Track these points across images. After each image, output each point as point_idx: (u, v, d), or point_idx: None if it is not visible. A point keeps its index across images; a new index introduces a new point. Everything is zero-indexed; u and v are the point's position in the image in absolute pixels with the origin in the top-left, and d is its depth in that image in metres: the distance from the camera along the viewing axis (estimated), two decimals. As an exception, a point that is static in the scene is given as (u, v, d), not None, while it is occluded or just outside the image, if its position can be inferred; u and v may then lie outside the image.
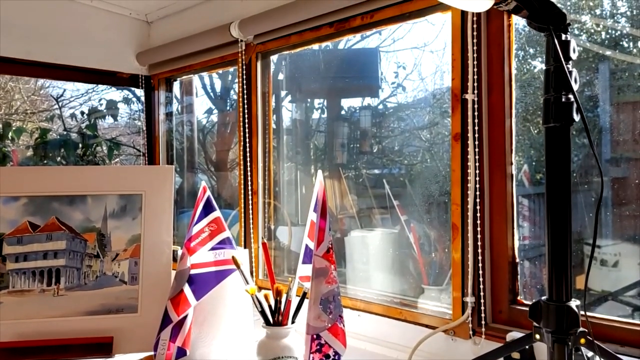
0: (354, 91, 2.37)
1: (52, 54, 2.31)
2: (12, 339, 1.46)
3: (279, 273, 2.15)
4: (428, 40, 1.90)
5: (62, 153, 3.42)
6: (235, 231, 2.19)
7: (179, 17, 2.41)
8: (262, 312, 1.37)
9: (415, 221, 1.90)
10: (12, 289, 1.55)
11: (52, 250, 1.61)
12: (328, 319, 1.18)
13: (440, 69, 1.92)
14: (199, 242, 1.41)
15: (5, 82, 3.97)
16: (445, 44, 1.72)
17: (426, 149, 2.02)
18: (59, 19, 2.32)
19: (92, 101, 3.85)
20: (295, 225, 2.18)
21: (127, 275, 1.61)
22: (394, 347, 1.56)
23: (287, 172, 2.28)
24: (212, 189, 3.00)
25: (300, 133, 2.46)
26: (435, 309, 1.56)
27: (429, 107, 2.02)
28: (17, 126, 3.62)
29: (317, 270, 1.19)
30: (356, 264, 1.99)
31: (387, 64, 2.20)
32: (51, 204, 1.65)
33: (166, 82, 2.68)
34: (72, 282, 1.59)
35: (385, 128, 2.29)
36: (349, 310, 1.67)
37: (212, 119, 3.27)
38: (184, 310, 1.36)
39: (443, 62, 1.86)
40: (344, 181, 2.19)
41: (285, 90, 2.41)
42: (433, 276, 1.78)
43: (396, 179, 2.09)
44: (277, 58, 2.25)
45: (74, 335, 1.50)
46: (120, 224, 1.65)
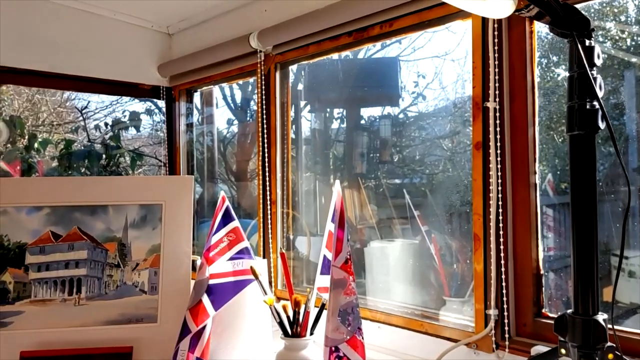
0: (374, 100, 2.36)
1: (76, 67, 2.36)
2: (34, 348, 1.48)
3: (298, 283, 2.14)
4: (449, 48, 1.88)
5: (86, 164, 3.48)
6: (255, 241, 2.18)
7: (200, 28, 2.44)
8: (280, 323, 1.35)
9: (436, 231, 1.87)
10: (34, 298, 1.57)
11: (74, 259, 1.62)
12: (347, 330, 1.16)
13: (462, 77, 1.90)
14: (218, 252, 1.41)
15: (33, 94, 4.06)
16: (467, 52, 1.70)
17: (447, 158, 2.00)
18: (83, 32, 2.36)
19: (115, 113, 3.92)
20: (314, 236, 2.17)
21: (147, 285, 1.61)
22: (415, 360, 1.53)
23: (306, 182, 2.28)
24: (232, 199, 3.00)
25: (319, 143, 2.45)
26: (457, 322, 1.53)
27: (450, 116, 2.00)
28: (43, 137, 3.70)
29: (335, 282, 1.18)
30: (376, 275, 1.96)
31: (407, 73, 2.19)
32: (73, 214, 1.66)
33: (187, 93, 2.70)
34: (93, 291, 1.60)
35: (406, 137, 2.27)
36: (369, 322, 1.65)
37: (233, 130, 3.29)
38: (202, 320, 1.35)
39: (464, 70, 1.84)
40: (363, 191, 2.17)
41: (304, 100, 2.41)
42: (455, 288, 1.75)
43: (417, 189, 2.07)
44: (297, 68, 2.26)
45: (95, 344, 1.51)
46: (141, 234, 1.66)
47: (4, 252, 1.60)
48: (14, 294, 1.56)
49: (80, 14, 2.34)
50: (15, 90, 3.93)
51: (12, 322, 1.52)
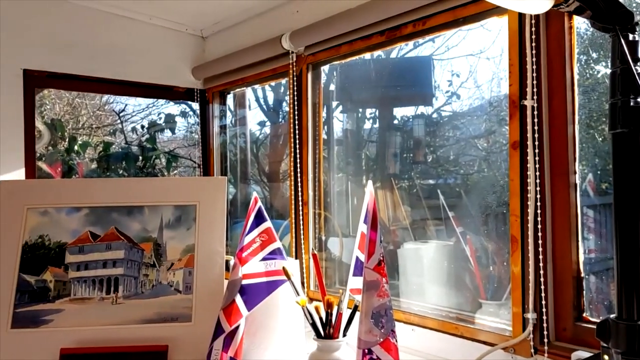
0: (407, 100, 2.33)
1: (114, 71, 2.42)
2: (73, 346, 1.51)
3: (331, 284, 2.14)
4: (484, 46, 1.85)
5: (124, 165, 3.56)
6: (287, 242, 2.19)
7: (232, 31, 2.46)
8: (313, 324, 1.35)
9: (471, 233, 1.84)
10: (74, 297, 1.61)
11: (111, 259, 1.66)
12: (380, 333, 1.14)
13: (497, 75, 1.86)
14: (251, 253, 1.42)
15: (73, 98, 4.18)
16: (502, 50, 1.67)
17: (483, 158, 1.96)
18: (120, 36, 2.42)
19: (151, 115, 3.99)
20: (347, 237, 2.16)
21: (181, 284, 1.63)
22: (450, 364, 1.50)
23: (338, 182, 2.27)
24: (265, 200, 3.02)
25: (351, 143, 2.44)
26: (493, 325, 1.50)
27: (486, 115, 1.96)
28: (82, 140, 3.81)
29: (368, 283, 1.17)
30: (410, 277, 1.94)
31: (441, 72, 2.16)
32: (111, 215, 1.70)
33: (220, 96, 2.74)
34: (129, 290, 1.63)
35: (440, 137, 2.24)
36: (402, 325, 1.63)
37: (265, 131, 3.31)
38: (235, 320, 1.36)
39: (500, 68, 1.81)
40: (396, 192, 2.15)
41: (336, 101, 2.40)
42: (491, 290, 1.71)
43: (451, 190, 2.03)
44: (329, 68, 2.25)
45: (131, 342, 1.53)
46: (175, 234, 1.69)
47: (45, 252, 1.65)
48: (54, 292, 1.61)
49: (117, 19, 2.40)
50: (57, 95, 4.05)
51: (53, 319, 1.56)
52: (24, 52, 2.18)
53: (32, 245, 1.65)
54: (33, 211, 1.69)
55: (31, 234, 1.66)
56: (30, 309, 1.57)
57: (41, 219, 1.68)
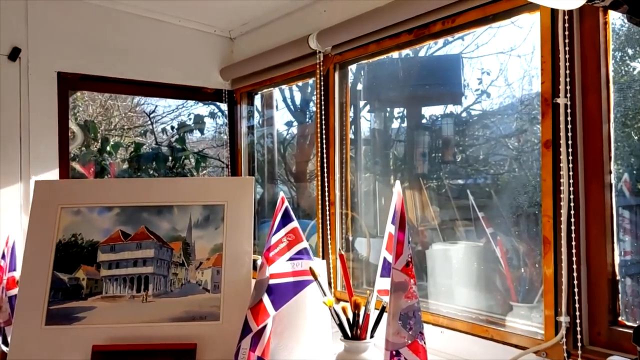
0: (436, 99, 2.30)
1: (144, 72, 2.46)
2: (105, 343, 1.54)
3: (358, 285, 2.13)
4: (514, 44, 1.81)
5: (154, 165, 3.62)
6: (314, 242, 2.19)
7: (260, 32, 2.48)
8: (340, 325, 1.34)
9: (502, 234, 1.80)
10: (106, 295, 1.64)
11: (142, 258, 1.69)
12: (408, 335, 1.13)
13: (529, 73, 1.82)
14: (278, 252, 1.42)
15: (105, 100, 4.27)
16: (534, 47, 1.64)
17: (514, 157, 1.93)
18: (150, 39, 2.46)
19: (181, 116, 4.05)
20: (374, 237, 2.14)
21: (209, 283, 1.65)
22: (480, 367, 1.48)
23: (366, 182, 2.26)
24: (292, 200, 3.03)
25: (379, 143, 2.43)
26: (525, 328, 1.47)
27: (517, 114, 1.93)
28: (114, 141, 3.89)
29: (395, 285, 1.15)
30: (438, 278, 1.92)
31: (470, 70, 2.13)
32: (141, 214, 1.73)
33: (248, 96, 2.75)
34: (159, 289, 1.66)
35: (469, 136, 2.21)
36: (431, 326, 1.61)
37: (292, 131, 3.32)
38: (263, 320, 1.36)
39: (531, 66, 1.77)
40: (425, 192, 2.13)
41: (363, 100, 2.39)
42: (522, 293, 1.68)
43: (481, 190, 2.00)
44: (356, 68, 2.24)
45: (160, 340, 1.55)
46: (204, 234, 1.70)
47: (78, 250, 1.68)
48: (87, 290, 1.64)
49: (148, 21, 2.44)
50: (90, 97, 4.15)
51: (85, 317, 1.59)
52: (58, 55, 2.23)
53: (65, 243, 1.69)
54: (66, 210, 1.73)
55: (65, 232, 1.70)
56: (63, 306, 1.61)
57: (74, 218, 1.72)
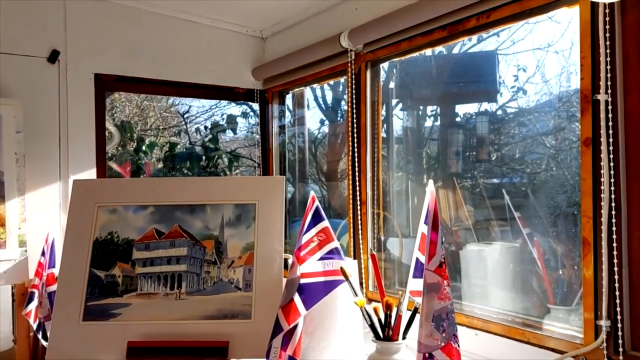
0: (470, 96, 2.26)
1: (177, 73, 2.50)
2: (139, 339, 1.57)
3: (390, 285, 2.10)
4: (552, 39, 1.76)
5: (188, 165, 3.67)
6: (345, 241, 2.17)
7: (292, 31, 2.48)
8: (371, 325, 1.33)
9: (539, 234, 1.75)
10: (140, 292, 1.67)
11: (175, 256, 1.71)
12: (441, 337, 1.11)
13: (567, 69, 1.77)
14: (308, 252, 1.41)
15: (141, 101, 4.37)
16: (572, 43, 1.60)
17: (551, 156, 1.87)
18: (184, 40, 2.50)
19: (214, 116, 4.10)
20: (407, 237, 2.12)
21: (241, 282, 1.66)
22: (515, 371, 1.44)
23: (398, 182, 2.23)
24: (323, 199, 3.03)
25: (411, 141, 2.40)
26: (563, 332, 1.43)
27: (554, 111, 1.87)
28: (150, 141, 3.97)
29: (428, 286, 1.13)
30: (472, 279, 1.88)
31: (506, 66, 2.08)
32: (175, 213, 1.76)
33: (279, 96, 2.76)
34: (192, 287, 1.68)
35: (505, 134, 2.16)
36: (465, 329, 1.58)
37: (324, 130, 3.32)
38: (294, 319, 1.36)
39: (569, 62, 1.72)
40: (459, 191, 2.09)
41: (395, 98, 2.37)
42: (560, 295, 1.63)
43: (517, 189, 1.95)
44: (388, 66, 2.22)
45: (193, 338, 1.57)
46: (236, 232, 1.72)
47: (114, 248, 1.72)
48: (123, 287, 1.67)
49: (181, 22, 2.47)
50: (127, 98, 4.24)
51: (121, 313, 1.63)
52: (95, 57, 2.29)
53: (102, 241, 1.72)
54: (103, 209, 1.77)
55: (101, 230, 1.74)
56: (100, 302, 1.64)
57: (110, 217, 1.76)
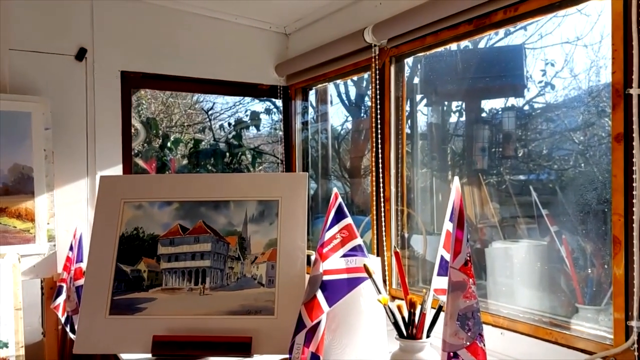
0: (496, 92, 2.22)
1: (201, 70, 2.52)
2: (164, 333, 1.59)
3: (413, 283, 2.09)
4: (581, 33, 1.72)
5: (212, 161, 3.71)
6: (368, 239, 2.16)
7: (315, 26, 2.47)
8: (395, 323, 1.32)
9: (567, 232, 1.71)
10: (165, 287, 1.69)
11: (199, 251, 1.73)
12: (466, 336, 1.09)
13: (596, 63, 1.73)
14: (331, 249, 1.41)
15: (167, 98, 4.41)
16: (602, 36, 1.56)
17: (579, 152, 1.83)
18: (208, 37, 2.51)
19: (238, 113, 4.12)
20: (431, 234, 2.10)
21: (264, 278, 1.67)
22: (543, 372, 1.41)
23: (422, 178, 2.21)
24: (346, 196, 3.02)
25: (436, 138, 2.37)
26: (592, 332, 1.40)
27: (583, 106, 1.83)
28: (175, 137, 4.01)
29: (453, 284, 1.11)
30: (498, 278, 1.85)
31: (533, 61, 2.04)
32: (199, 209, 1.77)
33: (302, 92, 2.76)
34: (216, 282, 1.69)
35: (532, 130, 2.12)
36: (491, 327, 1.56)
37: (347, 126, 3.31)
38: (317, 315, 1.36)
39: (599, 56, 1.68)
40: (484, 188, 2.06)
41: (420, 94, 2.34)
42: (589, 295, 1.59)
43: (544, 186, 1.91)
44: (412, 61, 2.20)
45: (217, 333, 1.58)
46: (259, 229, 1.72)
47: (139, 243, 1.74)
48: (148, 281, 1.70)
49: (206, 20, 2.49)
50: (152, 95, 4.30)
51: (146, 307, 1.65)
52: (121, 55, 2.32)
53: (128, 236, 1.75)
54: (129, 205, 1.79)
55: (127, 226, 1.76)
56: (126, 297, 1.67)
57: (136, 212, 1.78)
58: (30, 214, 1.96)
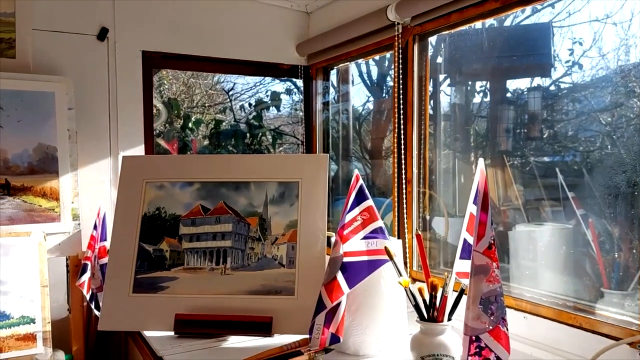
0: (522, 71, 2.16)
1: (222, 50, 2.50)
2: (186, 312, 1.61)
3: (434, 266, 2.07)
4: (610, 10, 1.66)
5: (233, 142, 3.71)
6: (389, 220, 2.15)
7: (336, 5, 2.43)
8: (416, 306, 1.31)
9: (594, 216, 1.68)
10: (187, 266, 1.71)
11: (220, 232, 1.74)
12: (489, 320, 1.08)
13: (626, 42, 1.67)
14: (352, 231, 1.40)
15: (188, 78, 4.42)
16: (632, 14, 1.51)
17: (606, 133, 1.78)
18: (228, 16, 2.49)
19: (259, 93, 4.11)
20: (453, 217, 2.07)
21: (285, 258, 1.67)
22: (566, 356, 1.39)
23: (444, 160, 2.18)
24: (367, 177, 2.99)
25: (459, 118, 2.32)
26: (617, 317, 1.37)
27: (611, 87, 1.77)
28: (196, 118, 4.03)
29: (476, 268, 1.10)
30: (521, 261, 1.82)
31: (560, 40, 1.98)
32: (220, 190, 1.78)
33: (324, 72, 2.73)
34: (237, 262, 1.70)
35: (558, 111, 2.07)
36: (513, 311, 1.54)
37: (368, 107, 3.27)
38: (337, 297, 1.36)
39: (629, 34, 1.62)
40: (508, 170, 2.02)
41: (443, 74, 2.29)
42: (615, 279, 1.56)
43: (569, 168, 1.87)
44: (436, 39, 2.15)
45: (238, 312, 1.60)
46: (279, 210, 1.73)
47: (161, 223, 1.76)
48: (170, 261, 1.72)
49: None
50: (174, 75, 4.30)
51: (169, 286, 1.67)
52: (142, 34, 2.32)
53: (150, 216, 1.77)
54: (151, 185, 1.80)
55: (149, 206, 1.78)
56: (149, 275, 1.69)
57: (158, 192, 1.79)
58: (55, 193, 1.99)
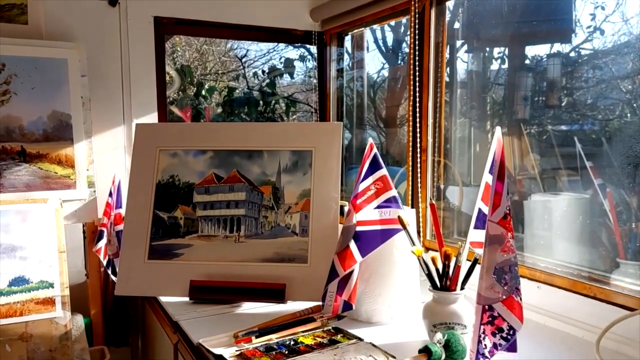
0: (542, 37, 2.10)
1: (235, 16, 2.47)
2: (201, 278, 1.63)
3: (448, 235, 2.07)
4: (635, -26, 1.60)
5: (246, 110, 3.69)
6: (403, 190, 2.14)
7: (351, -32, 2.36)
8: (428, 274, 1.31)
9: (612, 186, 1.65)
10: (201, 234, 1.72)
11: (234, 200, 1.74)
12: (502, 290, 1.07)
13: (650, 7, 1.61)
14: (365, 200, 1.39)
15: (201, 45, 4.37)
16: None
17: (627, 102, 1.73)
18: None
19: (272, 60, 4.06)
20: (467, 186, 2.05)
21: (298, 227, 1.68)
22: (580, 326, 1.39)
23: (460, 128, 2.14)
24: (381, 146, 2.97)
25: (476, 86, 2.28)
26: (633, 288, 1.35)
27: (634, 53, 1.71)
28: (209, 85, 4.00)
29: (491, 237, 1.09)
30: (536, 230, 1.81)
31: (582, 4, 1.91)
32: (233, 158, 1.77)
33: (338, 38, 2.68)
34: (250, 230, 1.71)
35: (577, 78, 2.01)
36: (526, 281, 1.54)
37: (383, 74, 3.21)
38: (350, 265, 1.36)
39: (654, -1, 1.55)
40: (525, 138, 1.98)
41: (461, 40, 2.23)
42: (632, 250, 1.54)
43: (587, 136, 1.83)
44: (454, 4, 2.09)
45: (252, 279, 1.62)
46: (293, 179, 1.72)
47: (175, 191, 1.77)
48: (184, 228, 1.73)
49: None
50: (187, 42, 4.26)
51: (183, 253, 1.69)
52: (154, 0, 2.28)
53: (164, 184, 1.77)
54: (164, 152, 1.81)
55: (163, 174, 1.79)
56: (163, 242, 1.71)
57: (171, 160, 1.80)
58: (70, 161, 2.01)
